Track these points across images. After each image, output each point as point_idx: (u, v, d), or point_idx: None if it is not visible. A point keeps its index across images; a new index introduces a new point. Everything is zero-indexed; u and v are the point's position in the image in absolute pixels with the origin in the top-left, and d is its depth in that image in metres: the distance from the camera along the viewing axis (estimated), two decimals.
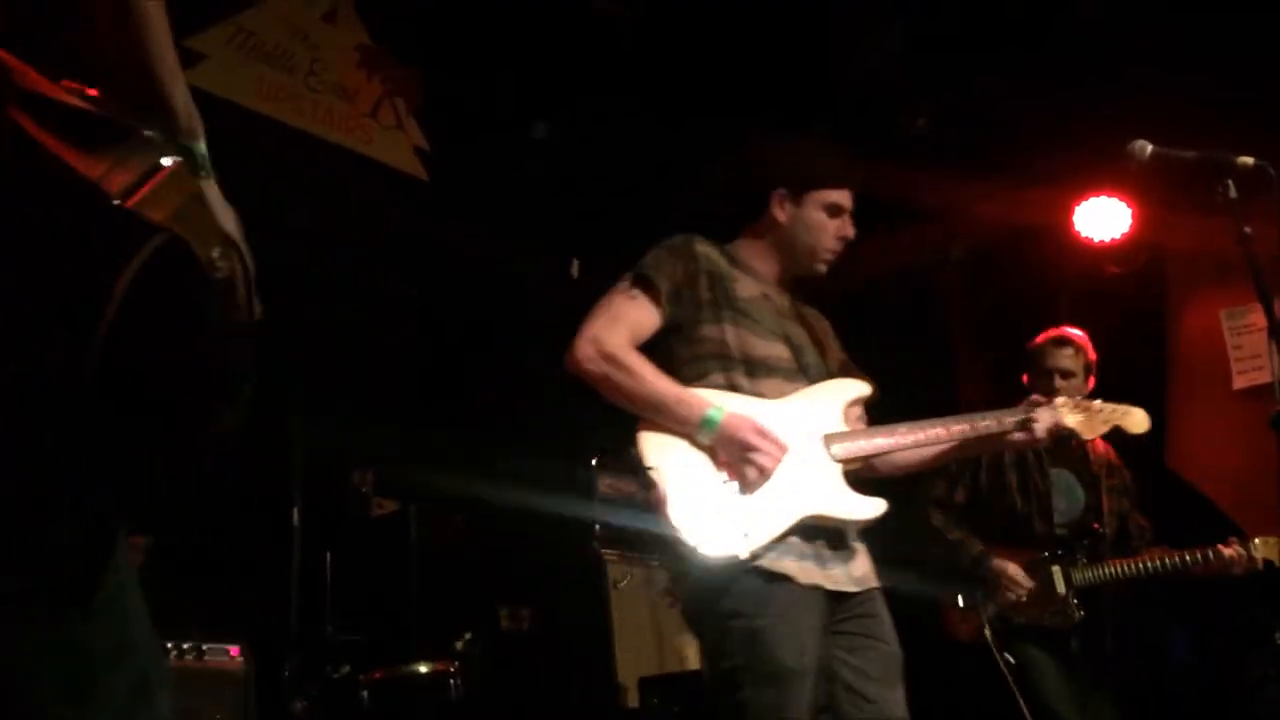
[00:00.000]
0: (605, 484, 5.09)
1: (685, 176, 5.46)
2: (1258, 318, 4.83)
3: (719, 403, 2.42)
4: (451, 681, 3.58)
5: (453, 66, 5.15)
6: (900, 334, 5.82)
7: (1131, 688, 4.02)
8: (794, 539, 2.39)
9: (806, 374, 2.62)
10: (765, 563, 2.33)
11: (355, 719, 3.46)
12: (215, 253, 1.12)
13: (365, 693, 3.48)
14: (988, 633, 3.84)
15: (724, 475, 2.39)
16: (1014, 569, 3.90)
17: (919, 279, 5.97)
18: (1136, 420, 2.96)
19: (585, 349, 2.46)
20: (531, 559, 4.89)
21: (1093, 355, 4.07)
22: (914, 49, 4.94)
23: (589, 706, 4.74)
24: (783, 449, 2.40)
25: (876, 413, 2.74)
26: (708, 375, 2.50)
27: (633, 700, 4.60)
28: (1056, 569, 3.93)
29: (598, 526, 4.97)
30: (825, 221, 2.72)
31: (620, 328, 2.50)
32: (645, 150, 5.41)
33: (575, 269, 5.73)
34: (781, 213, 2.71)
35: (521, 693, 4.51)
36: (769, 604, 2.31)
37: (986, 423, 2.67)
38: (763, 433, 2.38)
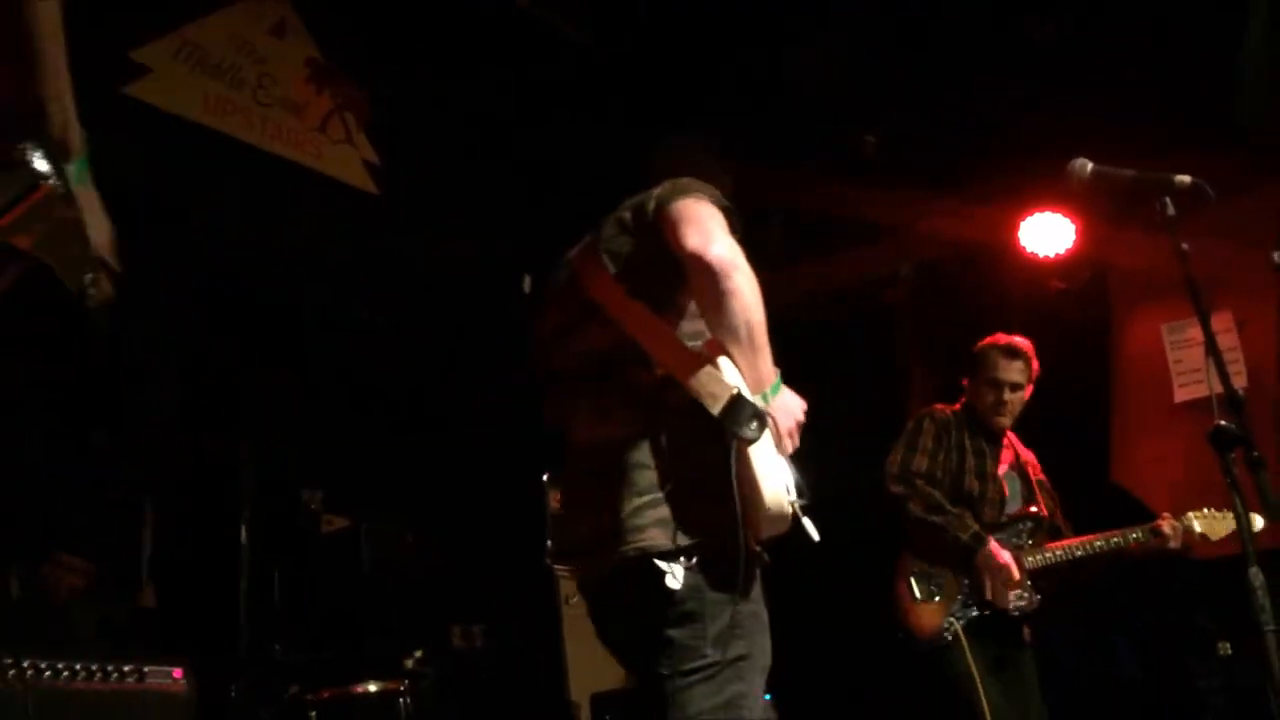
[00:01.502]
0: (556, 499, 5.08)
1: (637, 192, 5.49)
2: (1198, 332, 4.92)
3: None
4: (402, 700, 3.54)
5: (402, 81, 5.14)
6: (850, 349, 5.87)
7: (1079, 696, 4.07)
8: None
9: None
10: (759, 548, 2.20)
11: None
12: (86, 279, 1.10)
13: (313, 713, 3.44)
14: (958, 626, 3.79)
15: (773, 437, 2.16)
16: (1008, 555, 3.85)
17: (868, 295, 6.03)
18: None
19: (736, 255, 2.14)
20: (482, 576, 4.86)
21: (1037, 366, 4.12)
22: (862, 70, 5.00)
23: None
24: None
25: (832, 425, 2.71)
26: (700, 336, 2.23)
27: (585, 717, 4.59)
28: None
29: (549, 543, 4.96)
30: None
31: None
32: (597, 167, 5.42)
33: (527, 285, 5.72)
34: None
35: (473, 711, 4.48)
36: (759, 592, 2.17)
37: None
38: (805, 412, 2.27)
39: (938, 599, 3.89)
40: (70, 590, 3.95)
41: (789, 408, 2.23)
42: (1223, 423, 2.34)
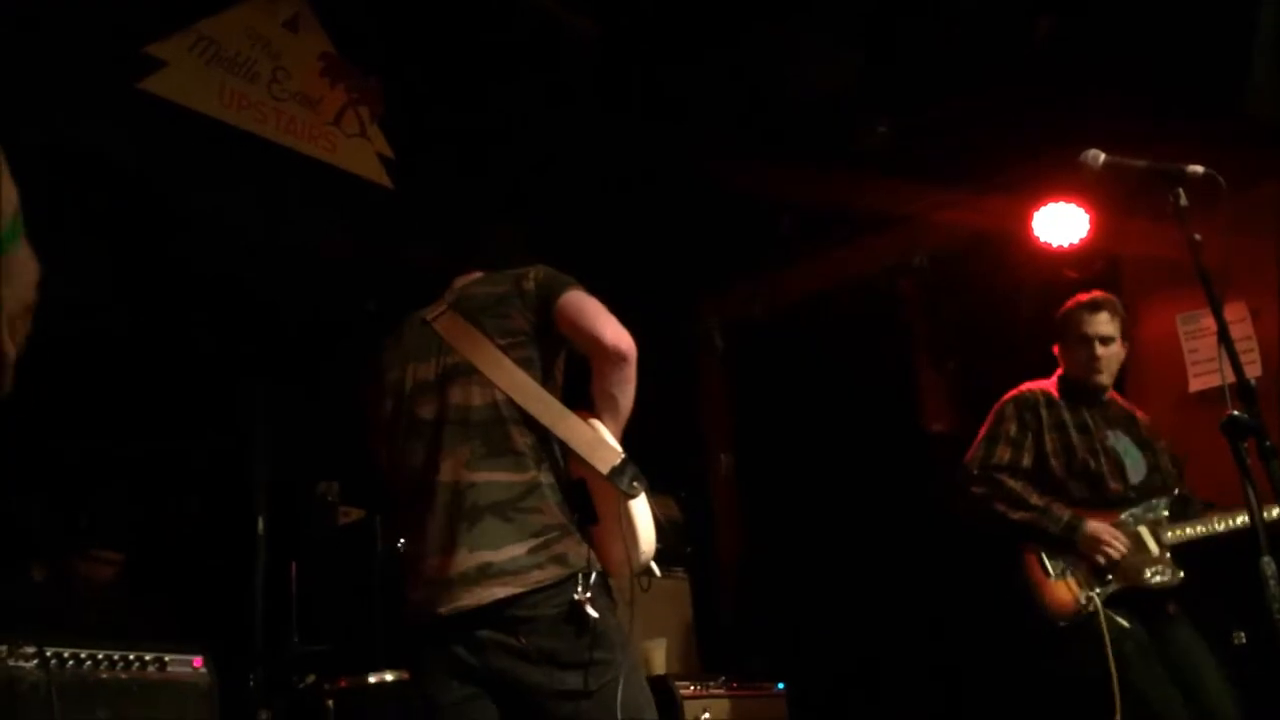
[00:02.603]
0: None
1: (647, 185, 5.50)
2: (1211, 322, 4.90)
3: None
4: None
5: (417, 74, 5.15)
6: (863, 340, 5.88)
7: None
8: None
9: None
10: None
11: None
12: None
13: (330, 702, 3.47)
14: (1097, 600, 3.61)
15: None
16: (1110, 529, 3.72)
17: (881, 286, 6.03)
18: None
19: (634, 345, 2.56)
20: None
21: (1127, 321, 4.00)
22: (875, 59, 4.99)
23: None
24: None
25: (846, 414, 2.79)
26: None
27: None
28: (1144, 529, 3.77)
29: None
30: None
31: None
32: (604, 160, 5.44)
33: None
34: None
35: None
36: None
37: None
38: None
39: (1070, 574, 3.73)
40: (102, 582, 4.01)
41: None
42: (1236, 412, 2.35)
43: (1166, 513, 3.82)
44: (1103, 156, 2.63)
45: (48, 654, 2.64)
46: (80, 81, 4.08)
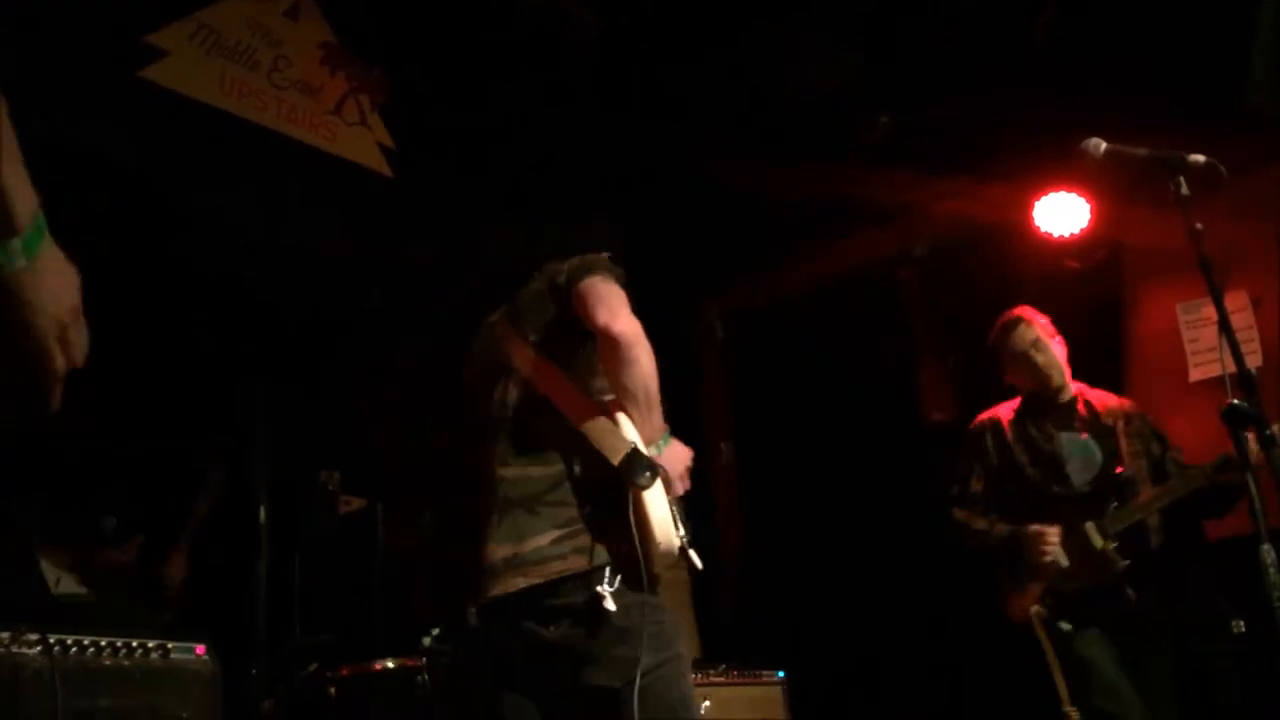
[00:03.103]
0: None
1: (649, 180, 5.50)
2: (1212, 311, 4.90)
3: None
4: (419, 678, 3.58)
5: (417, 63, 5.15)
6: (863, 331, 5.88)
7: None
8: None
9: None
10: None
11: (323, 717, 3.46)
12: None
13: (333, 690, 3.48)
14: (1036, 608, 3.81)
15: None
16: (1039, 529, 3.87)
17: (882, 276, 6.03)
18: None
19: (637, 328, 2.52)
20: None
21: (1045, 317, 4.14)
22: (876, 50, 4.99)
23: None
24: None
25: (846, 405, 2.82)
26: (605, 391, 2.58)
27: None
28: (1090, 525, 3.87)
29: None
30: None
31: None
32: (606, 152, 5.43)
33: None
34: None
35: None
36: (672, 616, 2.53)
37: None
38: (692, 456, 2.66)
39: (1032, 584, 3.91)
40: (123, 566, 4.06)
41: (677, 456, 2.62)
42: (1236, 401, 2.35)
43: (1116, 502, 3.90)
44: (1104, 145, 2.63)
45: (51, 641, 2.64)
46: (79, 73, 4.07)
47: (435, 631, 3.77)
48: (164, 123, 4.33)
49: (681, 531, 2.49)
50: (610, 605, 2.34)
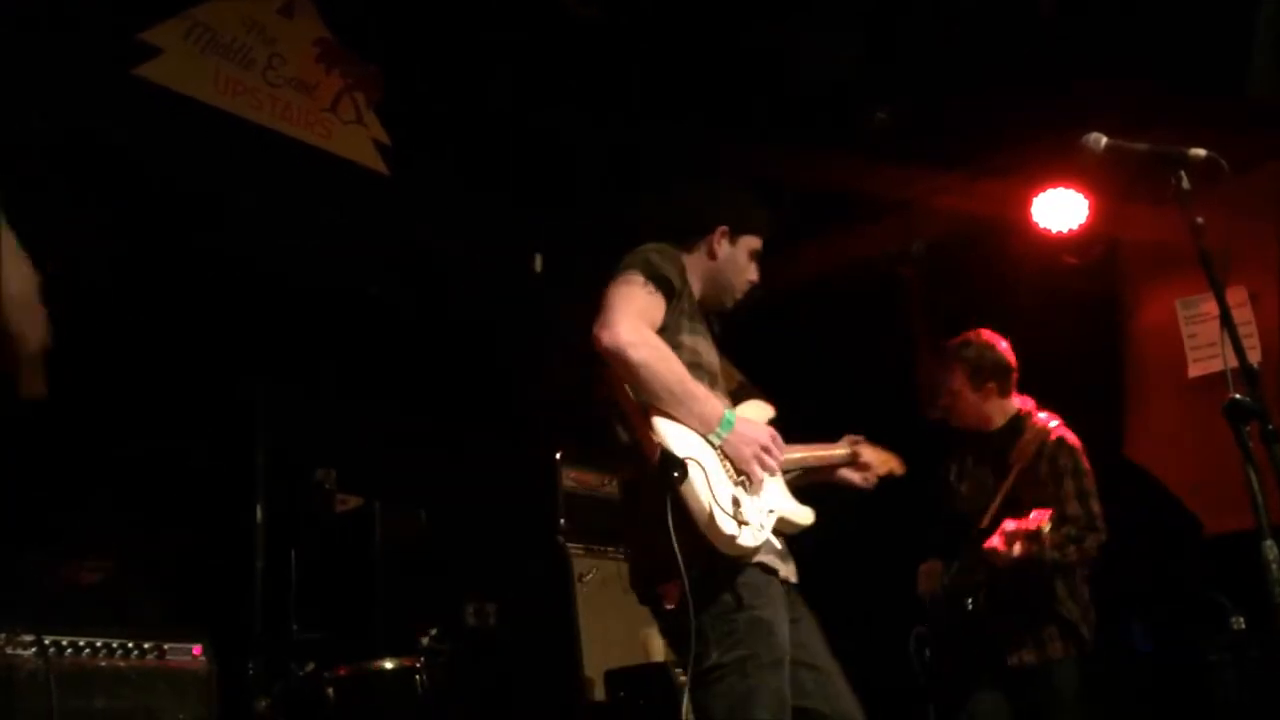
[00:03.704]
0: (569, 477, 5.09)
1: (647, 174, 5.48)
2: (1211, 306, 4.89)
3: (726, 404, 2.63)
4: (417, 677, 3.57)
5: (413, 60, 5.13)
6: (862, 325, 5.86)
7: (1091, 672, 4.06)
8: (771, 537, 2.62)
9: (726, 391, 2.82)
10: (762, 558, 2.54)
11: (320, 717, 3.45)
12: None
13: (330, 690, 3.46)
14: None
15: (732, 474, 2.56)
16: (927, 566, 4.03)
17: (880, 271, 6.02)
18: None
19: (629, 334, 2.50)
20: (496, 554, 4.88)
21: (951, 365, 4.04)
22: (874, 44, 4.97)
23: (555, 701, 4.74)
24: (783, 452, 2.64)
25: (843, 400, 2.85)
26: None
27: (599, 694, 4.61)
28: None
29: (562, 520, 4.98)
30: (746, 264, 2.94)
31: (648, 319, 2.59)
32: (609, 145, 5.42)
33: (538, 263, 5.73)
34: (719, 248, 2.90)
35: (488, 688, 4.51)
36: (767, 595, 2.51)
37: (818, 454, 3.05)
38: (774, 436, 2.63)
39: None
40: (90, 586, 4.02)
41: (746, 437, 2.58)
42: (1238, 396, 2.34)
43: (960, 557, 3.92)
44: (1104, 140, 2.61)
45: (46, 642, 2.63)
46: (75, 69, 4.06)
47: (432, 631, 3.76)
48: (162, 115, 4.31)
49: (755, 514, 2.51)
50: (690, 602, 2.39)
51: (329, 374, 4.72)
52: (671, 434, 2.48)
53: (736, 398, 2.85)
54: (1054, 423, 3.86)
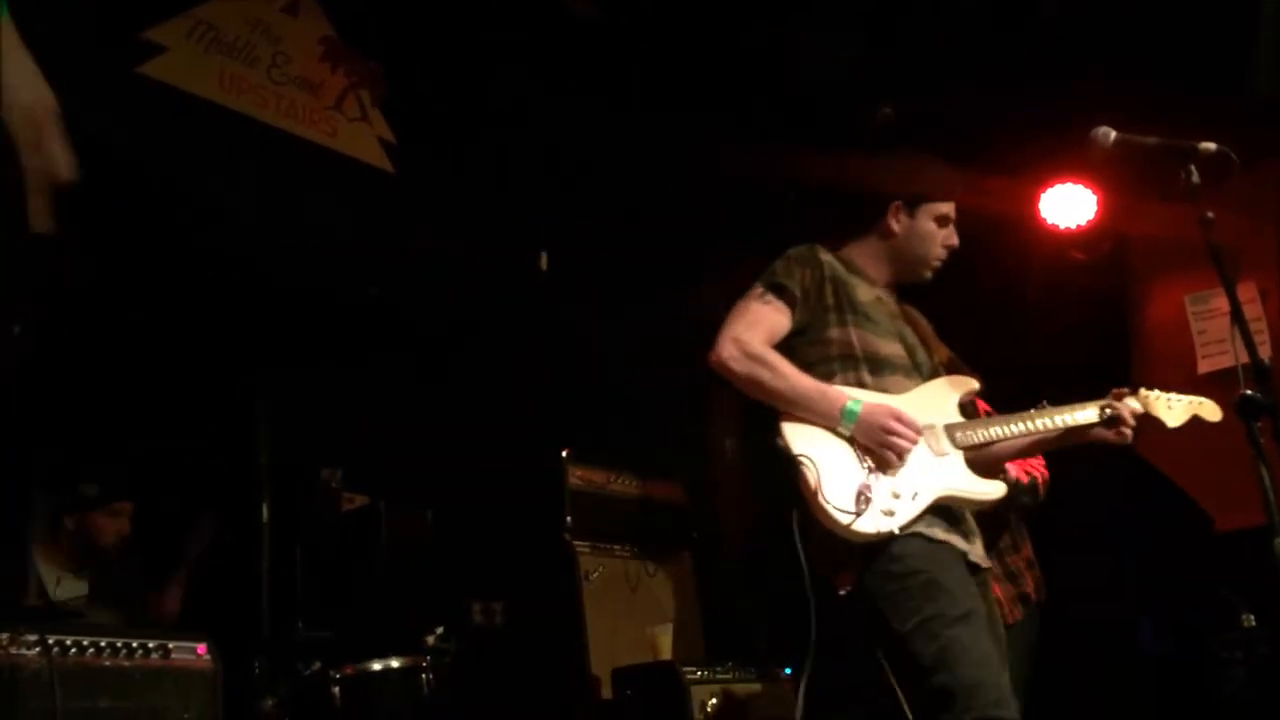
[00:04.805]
0: (575, 475, 5.08)
1: (651, 170, 5.47)
2: (1221, 302, 4.86)
3: (855, 395, 2.68)
4: (423, 677, 3.56)
5: (417, 58, 5.12)
6: None
7: (1099, 671, 4.05)
8: (935, 515, 2.64)
9: (920, 370, 2.88)
10: (922, 528, 2.59)
11: (326, 716, 3.44)
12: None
13: (336, 689, 3.45)
14: None
15: (866, 461, 2.63)
16: None
17: None
18: (1210, 410, 3.09)
19: (730, 349, 2.71)
20: (502, 553, 4.87)
21: None
22: (878, 41, 4.95)
23: (562, 700, 4.73)
24: (918, 433, 2.66)
25: None
26: (835, 375, 2.75)
27: (606, 692, 4.60)
28: None
29: (569, 519, 4.96)
30: (935, 231, 3.00)
31: (759, 330, 2.75)
32: (613, 143, 5.40)
33: (544, 262, 5.71)
34: (897, 223, 2.96)
35: (494, 687, 4.50)
36: (938, 559, 2.57)
37: (1063, 417, 2.89)
38: (900, 417, 2.64)
39: None
40: (117, 536, 4.08)
41: (869, 426, 2.64)
42: (1249, 391, 2.32)
43: None
44: (1113, 134, 2.60)
45: (50, 641, 2.62)
46: (78, 67, 4.04)
47: (438, 630, 3.75)
48: (165, 111, 4.30)
49: (885, 499, 2.56)
50: (841, 591, 2.59)
51: (335, 372, 4.71)
52: (797, 434, 2.64)
53: (944, 373, 2.93)
54: None
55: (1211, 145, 2.48)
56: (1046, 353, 4.22)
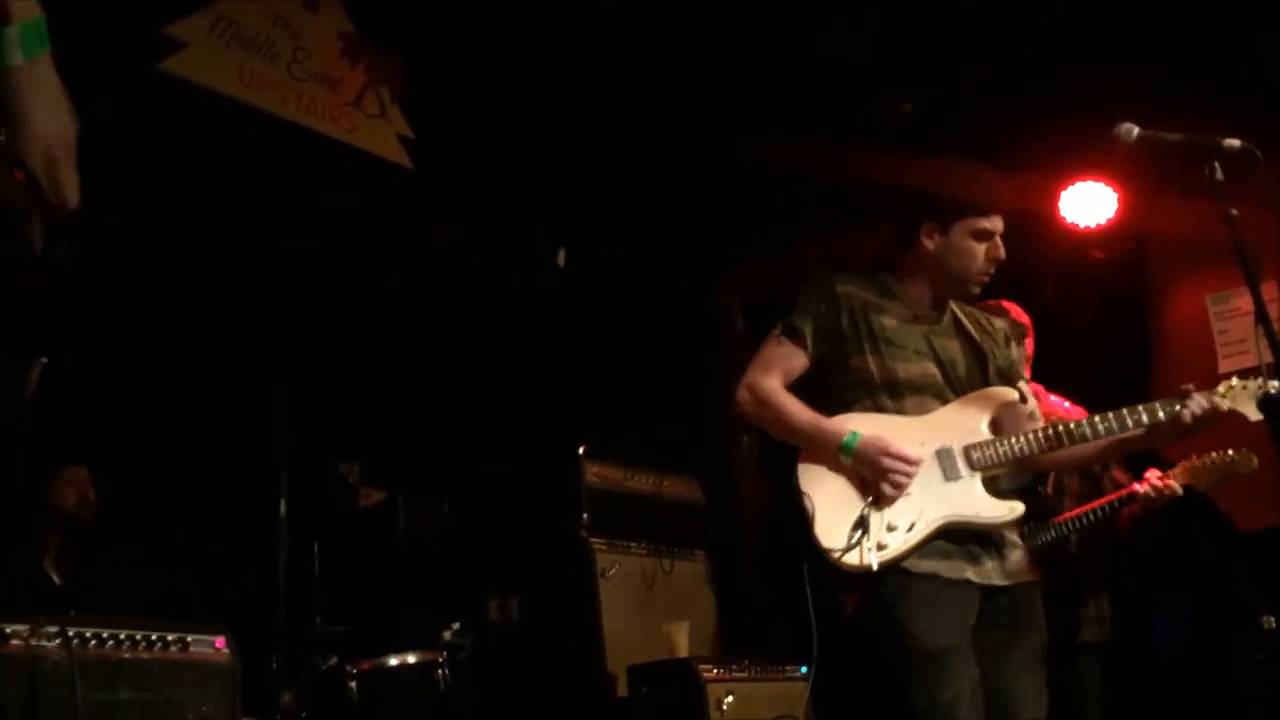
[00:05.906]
0: (592, 472, 5.08)
1: (670, 166, 5.46)
2: (1243, 301, 4.83)
3: (855, 428, 2.75)
4: (439, 672, 3.56)
5: (437, 54, 5.12)
6: None
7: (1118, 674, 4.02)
8: (939, 542, 2.69)
9: (954, 388, 2.86)
10: (907, 564, 2.66)
11: (343, 710, 3.45)
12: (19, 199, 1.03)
13: (353, 684, 3.46)
14: None
15: (869, 493, 2.71)
16: None
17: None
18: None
19: (744, 394, 2.89)
20: (518, 549, 4.88)
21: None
22: (898, 34, 4.93)
23: (577, 696, 4.73)
24: (914, 465, 2.70)
25: None
26: (855, 401, 2.83)
27: (621, 689, 4.60)
28: None
29: (585, 515, 4.97)
30: (974, 247, 2.88)
31: (773, 372, 2.88)
32: (635, 139, 5.39)
33: (561, 258, 5.71)
34: (930, 242, 2.90)
35: (509, 683, 4.51)
36: (912, 596, 2.64)
37: (1137, 417, 2.78)
38: (891, 453, 2.68)
39: None
40: (79, 499, 4.06)
41: (863, 461, 2.72)
42: (1273, 390, 2.30)
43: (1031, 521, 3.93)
44: (1136, 130, 2.57)
45: (70, 634, 2.63)
46: (100, 63, 4.06)
47: (455, 626, 3.75)
48: (187, 113, 4.31)
49: (879, 531, 2.65)
50: (846, 611, 2.73)
51: (353, 368, 4.72)
52: (807, 472, 2.80)
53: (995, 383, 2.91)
54: None
55: (1236, 141, 2.46)
56: (1067, 352, 4.18)
